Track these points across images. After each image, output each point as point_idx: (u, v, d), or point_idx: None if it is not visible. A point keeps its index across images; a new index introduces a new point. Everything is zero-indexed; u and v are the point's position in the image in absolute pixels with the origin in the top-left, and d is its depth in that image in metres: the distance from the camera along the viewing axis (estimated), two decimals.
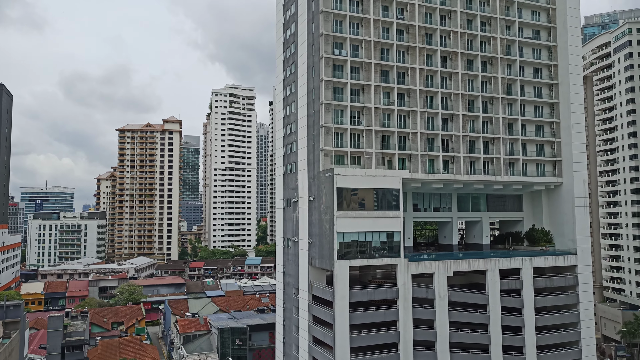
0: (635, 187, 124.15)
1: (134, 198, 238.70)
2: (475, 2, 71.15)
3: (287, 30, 76.66)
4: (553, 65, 74.61)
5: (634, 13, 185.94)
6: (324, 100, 61.86)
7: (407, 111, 66.07)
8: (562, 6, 74.35)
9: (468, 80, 70.14)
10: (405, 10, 67.53)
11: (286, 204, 76.46)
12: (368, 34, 64.57)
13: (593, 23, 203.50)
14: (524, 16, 74.46)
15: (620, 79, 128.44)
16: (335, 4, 63.98)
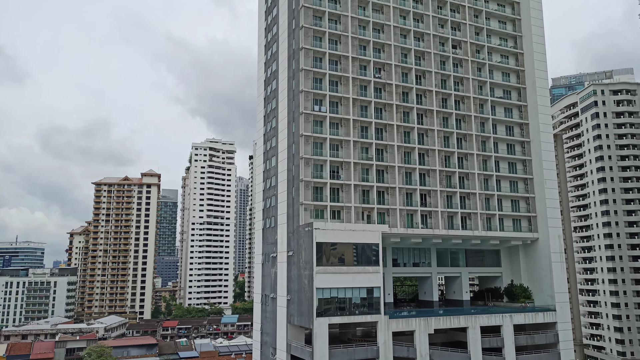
0: (609, 243, 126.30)
1: (108, 253, 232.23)
2: (449, 63, 74.36)
3: (268, 87, 78.40)
4: (524, 123, 77.39)
5: (598, 76, 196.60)
6: (303, 154, 62.47)
7: (385, 166, 67.04)
8: (531, 68, 78.16)
9: (444, 137, 72.01)
10: (382, 70, 70.02)
11: (265, 259, 75.21)
12: (347, 92, 66.42)
13: (560, 84, 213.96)
14: (495, 77, 77.87)
15: (588, 137, 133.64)
16: (315, 62, 66.06)
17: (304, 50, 65.09)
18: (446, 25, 75.48)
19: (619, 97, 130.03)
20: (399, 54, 71.20)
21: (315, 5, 67.08)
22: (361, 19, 69.56)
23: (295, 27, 67.99)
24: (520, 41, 79.76)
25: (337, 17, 68.49)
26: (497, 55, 78.85)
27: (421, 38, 73.55)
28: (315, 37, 66.88)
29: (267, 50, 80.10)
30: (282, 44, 72.39)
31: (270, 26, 79.37)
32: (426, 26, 73.72)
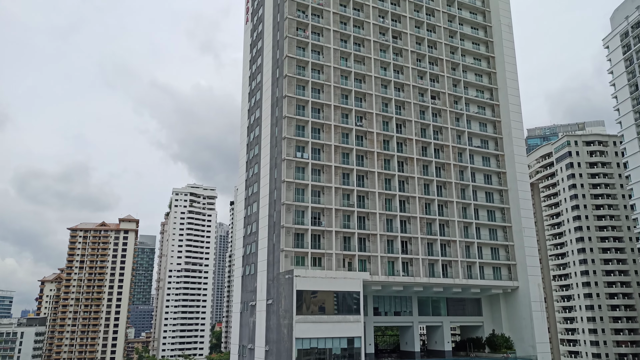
0: (587, 292, 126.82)
1: (80, 302, 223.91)
2: (428, 112, 76.33)
3: (251, 133, 79.05)
4: (502, 172, 79.00)
5: (571, 127, 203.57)
6: (285, 201, 62.34)
7: (366, 213, 67.16)
8: (507, 119, 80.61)
9: (424, 185, 72.88)
10: (363, 118, 71.44)
11: (243, 307, 73.31)
12: (329, 139, 67.31)
13: (535, 135, 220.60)
14: (473, 127, 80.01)
15: (564, 187, 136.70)
16: (298, 110, 67.16)
17: (287, 98, 66.26)
18: (425, 77, 78.01)
19: (591, 148, 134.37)
20: (380, 103, 72.96)
21: (299, 56, 68.92)
22: (343, 69, 71.54)
23: (279, 76, 69.46)
24: (496, 93, 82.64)
25: (320, 67, 70.32)
26: (474, 106, 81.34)
27: (401, 88, 75.69)
28: (298, 86, 68.32)
29: (251, 97, 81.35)
30: (266, 92, 73.66)
31: (255, 75, 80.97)
32: (406, 77, 76.07)
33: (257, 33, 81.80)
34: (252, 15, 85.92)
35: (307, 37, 70.08)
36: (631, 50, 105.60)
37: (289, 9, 69.56)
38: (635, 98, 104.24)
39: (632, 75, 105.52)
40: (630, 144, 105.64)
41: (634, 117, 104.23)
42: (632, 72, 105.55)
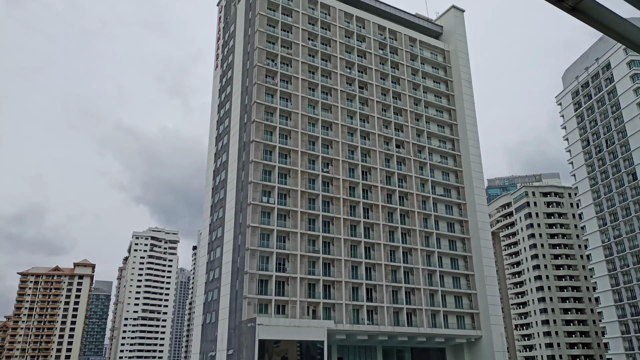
0: (548, 342, 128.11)
1: (26, 353, 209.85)
2: (393, 161, 78.05)
3: (217, 177, 78.59)
4: (464, 221, 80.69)
5: (528, 178, 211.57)
6: (250, 246, 61.50)
7: (332, 259, 66.84)
8: (468, 169, 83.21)
9: (389, 231, 73.49)
10: (330, 165, 72.35)
11: (202, 358, 70.40)
12: (295, 184, 67.58)
13: (495, 185, 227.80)
14: (436, 176, 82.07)
15: (523, 236, 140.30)
16: (265, 155, 67.52)
17: (254, 143, 66.67)
18: (390, 126, 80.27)
19: (548, 199, 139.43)
20: (346, 150, 74.28)
21: (267, 102, 70.00)
22: (311, 116, 72.93)
23: (247, 121, 70.10)
24: (458, 144, 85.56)
25: (288, 114, 71.48)
26: (437, 155, 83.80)
27: (367, 137, 77.47)
28: (266, 131, 69.00)
29: (218, 141, 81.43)
30: (233, 137, 73.98)
31: (223, 119, 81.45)
32: (372, 126, 78.06)
33: (227, 79, 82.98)
34: (222, 62, 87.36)
35: (275, 84, 71.51)
36: (582, 107, 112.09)
37: (259, 57, 71.19)
38: (587, 152, 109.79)
39: (583, 130, 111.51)
40: (584, 196, 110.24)
41: (587, 171, 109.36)
42: (583, 128, 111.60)
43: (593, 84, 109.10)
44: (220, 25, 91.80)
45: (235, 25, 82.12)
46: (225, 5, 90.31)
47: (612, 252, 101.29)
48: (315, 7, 79.64)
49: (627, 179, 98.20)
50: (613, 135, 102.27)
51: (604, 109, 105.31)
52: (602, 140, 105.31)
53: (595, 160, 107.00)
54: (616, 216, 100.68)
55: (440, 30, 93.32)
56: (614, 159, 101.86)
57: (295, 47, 75.22)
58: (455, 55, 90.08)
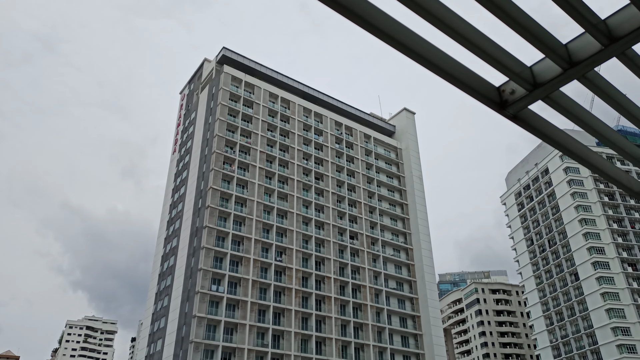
0: None
1: None
2: (347, 252, 78.17)
3: (165, 263, 75.81)
4: (416, 316, 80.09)
5: (477, 275, 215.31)
6: (194, 338, 58.17)
7: (281, 354, 63.86)
8: (420, 263, 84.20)
9: (341, 325, 71.69)
10: (283, 253, 71.56)
11: None
12: (247, 272, 65.96)
13: (446, 280, 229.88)
14: (389, 269, 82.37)
15: (474, 334, 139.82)
16: (218, 241, 66.27)
17: (207, 228, 65.61)
18: (344, 217, 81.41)
19: (497, 296, 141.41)
20: (301, 239, 74.10)
21: (223, 188, 70.10)
22: (266, 204, 73.20)
23: (201, 207, 69.45)
24: (410, 238, 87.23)
25: (244, 201, 71.53)
26: (390, 248, 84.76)
27: (322, 227, 77.94)
28: (220, 217, 68.35)
29: (170, 226, 79.63)
30: (186, 222, 72.70)
31: (176, 203, 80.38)
32: (326, 216, 78.92)
33: (184, 163, 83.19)
34: (181, 147, 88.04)
35: (233, 171, 72.20)
36: (524, 208, 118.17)
37: (218, 144, 72.37)
38: (531, 251, 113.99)
39: (527, 230, 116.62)
40: (531, 295, 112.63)
41: (532, 270, 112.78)
42: (527, 228, 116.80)
43: (534, 186, 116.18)
44: (181, 112, 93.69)
45: (197, 112, 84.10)
46: (187, 94, 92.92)
47: (560, 353, 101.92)
48: (275, 100, 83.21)
49: (570, 279, 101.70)
50: (555, 236, 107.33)
51: (545, 210, 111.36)
52: (544, 240, 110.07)
53: (539, 259, 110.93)
54: (562, 316, 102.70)
55: (393, 129, 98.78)
56: (556, 259, 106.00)
57: (254, 137, 77.22)
58: (407, 153, 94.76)
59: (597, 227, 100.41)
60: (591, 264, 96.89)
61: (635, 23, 2.61)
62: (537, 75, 2.97)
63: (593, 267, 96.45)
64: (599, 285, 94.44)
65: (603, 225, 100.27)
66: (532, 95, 2.95)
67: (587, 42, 2.77)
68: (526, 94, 2.95)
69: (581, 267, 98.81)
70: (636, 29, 2.62)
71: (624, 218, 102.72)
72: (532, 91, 2.94)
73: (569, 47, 2.86)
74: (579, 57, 2.80)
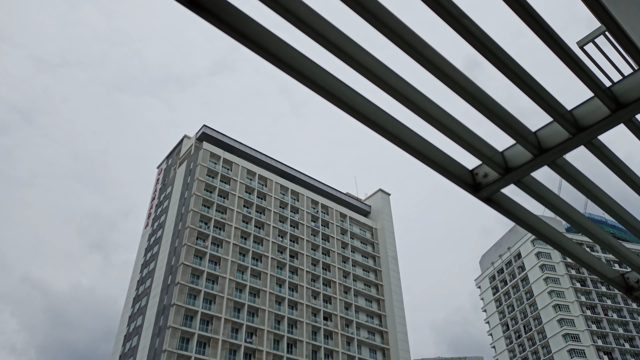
0: None
1: None
2: (320, 334, 75.42)
3: (127, 343, 71.68)
4: None
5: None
6: None
7: None
8: (395, 347, 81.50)
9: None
10: (254, 335, 68.61)
11: None
12: (215, 355, 62.66)
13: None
14: (363, 353, 79.31)
15: None
16: (185, 320, 63.44)
17: (175, 306, 63.00)
18: (319, 297, 79.48)
19: None
20: (273, 320, 71.51)
21: (195, 264, 68.27)
22: (238, 281, 71.25)
23: (170, 283, 67.17)
24: (385, 320, 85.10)
25: (215, 278, 69.56)
26: (364, 331, 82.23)
27: (295, 306, 75.66)
28: (190, 295, 65.96)
29: (135, 303, 76.23)
30: (153, 299, 69.85)
31: (144, 279, 77.58)
32: (300, 296, 76.91)
33: (156, 238, 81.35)
34: (154, 221, 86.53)
35: (206, 247, 70.78)
36: (499, 292, 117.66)
37: (192, 219, 71.49)
38: (507, 337, 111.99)
39: (502, 315, 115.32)
40: None
41: (509, 357, 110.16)
42: (502, 312, 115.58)
43: (507, 270, 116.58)
44: (157, 186, 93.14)
45: (173, 187, 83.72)
46: (165, 169, 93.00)
47: None
48: (253, 177, 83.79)
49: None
50: (530, 321, 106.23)
51: (519, 295, 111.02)
52: (520, 326, 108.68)
53: (515, 345, 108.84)
54: None
55: (369, 209, 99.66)
56: (533, 346, 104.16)
57: (230, 213, 76.70)
58: (382, 233, 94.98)
59: (570, 313, 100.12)
60: (567, 352, 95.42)
61: (599, 115, 2.77)
62: (508, 160, 3.07)
63: (569, 355, 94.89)
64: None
65: (577, 312, 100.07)
66: (504, 179, 3.02)
67: (556, 131, 2.90)
68: (499, 177, 3.02)
69: (557, 355, 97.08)
70: (600, 120, 2.77)
71: (597, 305, 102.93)
72: (504, 175, 3.01)
73: (538, 134, 2.99)
74: (548, 145, 2.92)
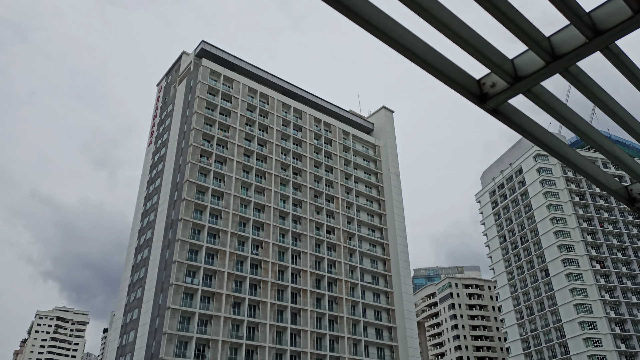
0: None
1: None
2: (323, 246, 78.32)
3: (138, 255, 74.71)
4: (391, 309, 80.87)
5: (451, 270, 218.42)
6: (168, 330, 57.57)
7: (256, 346, 63.76)
8: (395, 258, 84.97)
9: (317, 318, 71.90)
10: (260, 247, 71.28)
11: None
12: (223, 265, 65.52)
13: (421, 275, 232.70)
14: (365, 263, 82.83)
15: (447, 327, 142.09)
16: (193, 234, 65.59)
17: (182, 221, 64.85)
18: (322, 212, 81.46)
19: (470, 291, 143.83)
20: (277, 233, 73.88)
21: (200, 181, 69.31)
22: (243, 198, 72.70)
23: (177, 199, 68.57)
24: (386, 233, 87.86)
25: (220, 194, 70.89)
26: (366, 243, 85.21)
27: (299, 221, 77.84)
28: (196, 210, 67.61)
29: (144, 218, 78.43)
30: (161, 214, 71.71)
31: (151, 195, 79.18)
32: (304, 211, 78.83)
33: (160, 156, 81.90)
34: (157, 139, 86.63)
35: (210, 164, 71.40)
36: (498, 206, 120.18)
37: (195, 137, 71.46)
38: (504, 248, 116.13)
39: (500, 227, 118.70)
40: (503, 290, 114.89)
41: (504, 266, 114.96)
42: (500, 225, 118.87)
43: (508, 185, 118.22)
44: (157, 104, 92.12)
45: (174, 105, 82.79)
46: (165, 86, 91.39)
47: (529, 346, 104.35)
48: (254, 95, 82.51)
49: (541, 275, 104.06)
50: (527, 233, 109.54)
51: (518, 209, 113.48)
52: (517, 238, 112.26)
53: (511, 256, 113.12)
54: (532, 310, 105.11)
55: (372, 127, 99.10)
56: (528, 256, 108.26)
57: (232, 131, 76.49)
58: (385, 150, 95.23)
59: (567, 225, 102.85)
60: (561, 261, 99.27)
61: (621, 16, 2.59)
62: (518, 68, 2.93)
63: (563, 264, 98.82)
64: (568, 282, 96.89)
65: (574, 224, 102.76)
66: (513, 88, 2.91)
67: (571, 35, 2.73)
68: (507, 87, 2.91)
69: (551, 264, 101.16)
70: (621, 22, 2.60)
71: (594, 217, 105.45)
72: (513, 84, 2.89)
73: (552, 39, 2.82)
74: (562, 50, 2.77)
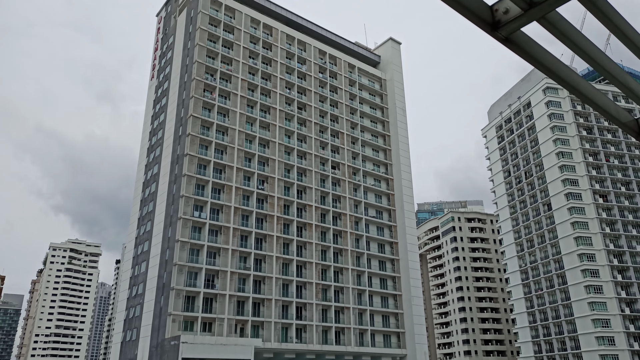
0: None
1: None
2: (328, 181, 79.04)
3: (146, 189, 75.82)
4: (394, 242, 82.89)
5: (455, 205, 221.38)
6: (178, 261, 59.55)
7: (263, 277, 66.14)
8: (399, 193, 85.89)
9: (321, 251, 73.96)
10: (265, 182, 72.07)
11: None
12: (229, 200, 66.59)
13: (425, 209, 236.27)
14: (369, 198, 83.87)
15: (448, 259, 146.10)
16: (199, 169, 66.16)
17: (188, 156, 65.19)
18: (327, 147, 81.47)
19: (472, 225, 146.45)
20: (283, 169, 74.38)
21: (204, 116, 68.90)
22: (248, 133, 72.54)
23: (182, 134, 68.52)
24: (391, 168, 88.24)
25: (225, 129, 70.70)
26: (370, 178, 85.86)
27: (304, 156, 78.07)
28: (201, 145, 67.74)
29: (150, 153, 78.83)
30: (166, 149, 71.95)
31: (156, 130, 79.08)
32: (309, 146, 78.84)
33: (163, 90, 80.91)
34: (159, 73, 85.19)
35: (213, 99, 70.62)
36: (504, 141, 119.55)
37: (197, 71, 70.19)
38: (508, 182, 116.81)
39: (505, 162, 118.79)
40: (504, 223, 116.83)
41: (507, 200, 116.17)
42: (505, 160, 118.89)
43: (515, 120, 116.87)
44: (158, 36, 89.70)
45: (175, 37, 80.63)
46: (165, 17, 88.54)
47: (528, 277, 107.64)
48: (257, 26, 80.00)
49: (543, 209, 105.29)
50: (532, 168, 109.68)
51: (524, 143, 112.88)
52: (521, 172, 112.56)
53: (515, 190, 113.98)
54: (532, 243, 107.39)
55: (378, 60, 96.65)
56: (531, 190, 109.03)
57: (235, 64, 74.93)
58: (391, 84, 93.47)
59: (573, 160, 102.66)
60: (564, 195, 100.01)
61: None
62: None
63: (566, 198, 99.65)
64: (570, 215, 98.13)
65: (579, 159, 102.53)
66: (527, 14, 2.82)
67: None
68: (521, 13, 2.82)
69: (554, 198, 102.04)
70: None
71: (600, 152, 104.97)
72: (528, 10, 2.80)
73: None
74: None
